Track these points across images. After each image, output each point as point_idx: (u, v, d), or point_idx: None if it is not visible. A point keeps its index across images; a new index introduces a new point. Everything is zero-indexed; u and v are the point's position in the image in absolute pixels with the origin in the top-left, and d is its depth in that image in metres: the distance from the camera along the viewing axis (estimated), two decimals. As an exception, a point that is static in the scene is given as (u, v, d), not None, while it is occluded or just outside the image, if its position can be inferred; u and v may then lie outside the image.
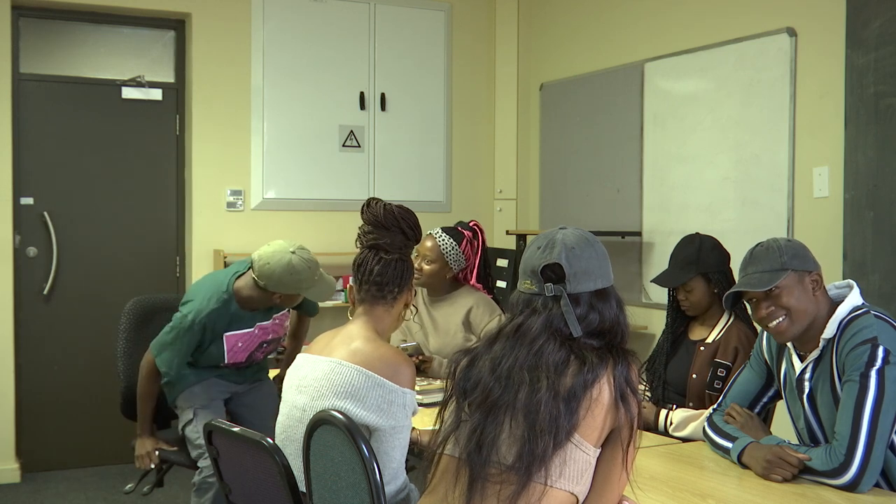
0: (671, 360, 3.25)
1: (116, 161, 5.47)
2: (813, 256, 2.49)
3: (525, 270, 1.87)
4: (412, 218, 2.61)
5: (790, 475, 2.31)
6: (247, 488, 2.57)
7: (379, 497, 2.05)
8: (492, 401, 1.75)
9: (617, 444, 1.76)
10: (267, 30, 5.59)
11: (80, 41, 5.52)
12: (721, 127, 4.65)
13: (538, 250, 1.86)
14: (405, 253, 2.59)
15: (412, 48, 5.98)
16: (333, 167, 5.73)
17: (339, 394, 2.36)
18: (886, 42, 3.76)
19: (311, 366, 2.48)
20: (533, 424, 1.70)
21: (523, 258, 1.90)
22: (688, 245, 3.22)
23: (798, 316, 2.42)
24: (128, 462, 5.46)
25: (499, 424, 1.73)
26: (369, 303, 2.54)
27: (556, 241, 1.85)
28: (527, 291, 1.85)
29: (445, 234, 3.83)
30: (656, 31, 5.10)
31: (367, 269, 2.54)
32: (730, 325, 3.14)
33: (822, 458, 2.30)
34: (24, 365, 5.23)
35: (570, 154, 5.75)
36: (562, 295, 1.80)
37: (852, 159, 3.93)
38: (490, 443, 1.72)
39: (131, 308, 3.86)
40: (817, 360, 2.44)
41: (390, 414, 2.33)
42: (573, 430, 1.71)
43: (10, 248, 5.15)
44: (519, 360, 1.77)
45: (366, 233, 2.58)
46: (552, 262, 1.82)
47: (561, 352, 1.77)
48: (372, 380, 2.35)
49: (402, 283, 2.56)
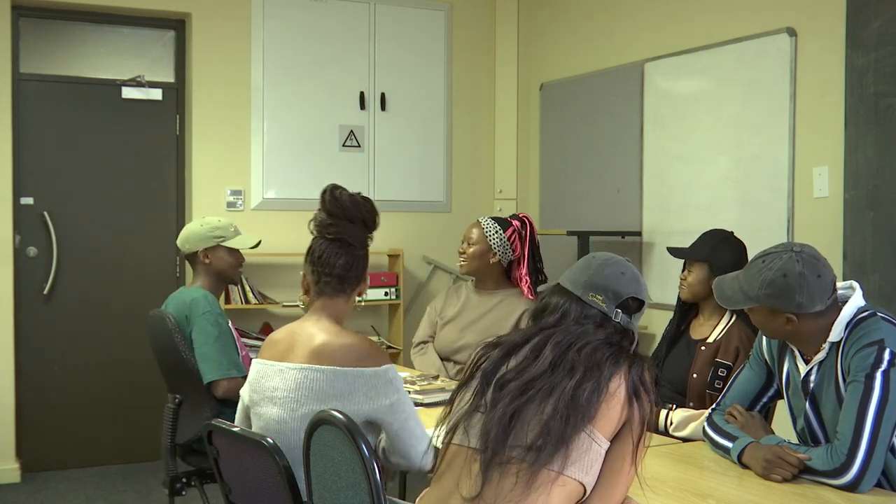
0: (671, 358, 3.25)
1: (116, 161, 5.47)
2: (809, 293, 2.33)
3: (604, 287, 1.93)
4: (373, 208, 2.55)
5: (790, 475, 2.31)
6: (247, 488, 2.57)
7: (379, 497, 2.05)
8: (528, 386, 1.78)
9: (626, 439, 1.78)
10: (267, 29, 5.59)
11: (80, 41, 5.52)
12: (721, 127, 4.65)
13: (621, 275, 1.96)
14: (366, 245, 2.55)
15: (412, 48, 5.98)
16: (333, 167, 5.73)
17: (322, 399, 2.34)
18: (886, 42, 3.76)
19: (278, 376, 2.42)
20: (557, 408, 1.74)
21: (599, 273, 1.96)
22: (714, 235, 3.23)
23: (763, 330, 2.52)
24: (128, 462, 5.48)
25: (529, 410, 1.75)
26: (329, 296, 2.50)
27: (635, 274, 1.98)
28: (596, 306, 1.92)
29: (492, 220, 3.83)
30: (656, 31, 5.10)
31: (329, 262, 2.47)
32: (731, 325, 3.13)
33: (822, 457, 2.29)
34: (24, 365, 5.23)
35: (570, 154, 5.75)
36: (629, 324, 1.94)
37: (852, 159, 3.93)
38: (517, 427, 1.74)
39: None
40: (822, 360, 2.44)
41: (383, 395, 2.34)
42: (591, 419, 1.75)
43: (10, 248, 5.15)
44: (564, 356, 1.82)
45: (326, 224, 2.49)
46: (639, 298, 1.96)
47: (603, 354, 1.83)
48: (350, 374, 2.34)
49: (361, 276, 2.55)
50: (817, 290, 2.34)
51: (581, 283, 1.94)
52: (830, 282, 2.38)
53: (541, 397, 1.76)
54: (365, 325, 5.82)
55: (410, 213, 5.96)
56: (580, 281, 1.95)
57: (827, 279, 2.37)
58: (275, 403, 2.43)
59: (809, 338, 2.42)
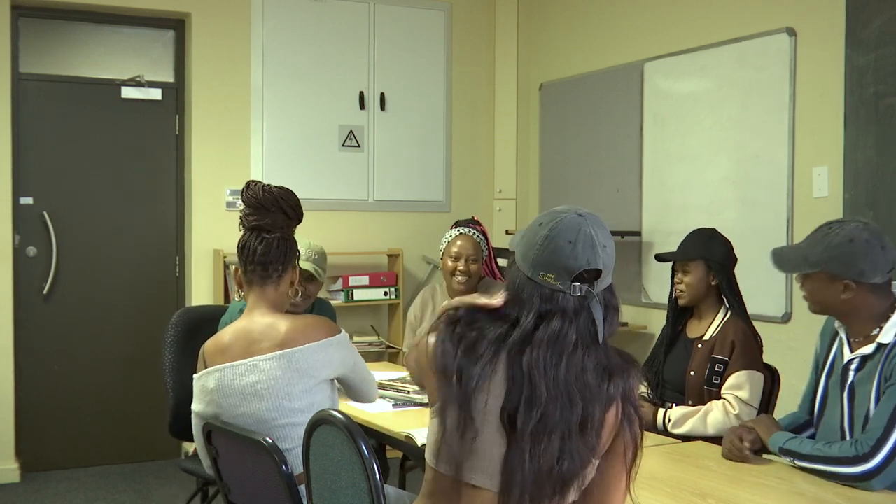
0: (669, 358, 3.25)
1: (116, 161, 5.47)
2: (872, 260, 2.37)
3: (553, 264, 1.70)
4: (293, 198, 2.67)
5: (742, 456, 2.49)
6: (247, 488, 2.57)
7: (379, 497, 2.05)
8: (547, 421, 1.64)
9: (616, 457, 1.71)
10: (267, 29, 5.59)
11: (79, 41, 5.52)
12: (721, 127, 4.65)
13: (569, 244, 1.70)
14: (287, 232, 2.64)
15: (412, 48, 5.97)
16: (333, 167, 5.73)
17: (309, 373, 2.50)
18: (886, 42, 3.76)
19: (252, 372, 2.50)
20: (566, 448, 1.63)
21: (545, 247, 1.71)
22: (701, 232, 3.26)
23: (815, 301, 2.49)
24: (128, 462, 5.48)
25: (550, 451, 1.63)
26: (258, 284, 2.60)
27: (591, 239, 1.71)
28: (548, 286, 1.70)
29: (474, 229, 3.85)
30: (656, 31, 5.10)
31: (251, 249, 2.58)
32: (726, 321, 3.15)
33: (843, 446, 2.30)
34: (24, 365, 5.23)
35: (570, 154, 5.75)
36: (590, 296, 1.70)
37: (852, 159, 3.93)
38: (537, 477, 1.62)
39: (178, 320, 3.66)
40: (866, 356, 2.43)
41: (349, 356, 2.64)
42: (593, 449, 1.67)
43: (9, 248, 5.15)
44: (565, 376, 1.66)
45: (246, 215, 2.62)
46: (594, 269, 1.70)
47: (594, 364, 1.68)
48: (324, 345, 2.54)
49: (286, 261, 2.62)
50: (880, 261, 2.38)
51: (529, 260, 1.73)
52: (893, 259, 2.41)
53: (552, 436, 1.64)
54: (365, 325, 5.82)
55: (410, 213, 5.96)
56: (529, 257, 1.73)
57: (891, 253, 2.41)
58: (260, 397, 2.48)
59: (860, 314, 2.42)
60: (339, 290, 5.57)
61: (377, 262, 5.83)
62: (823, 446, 2.35)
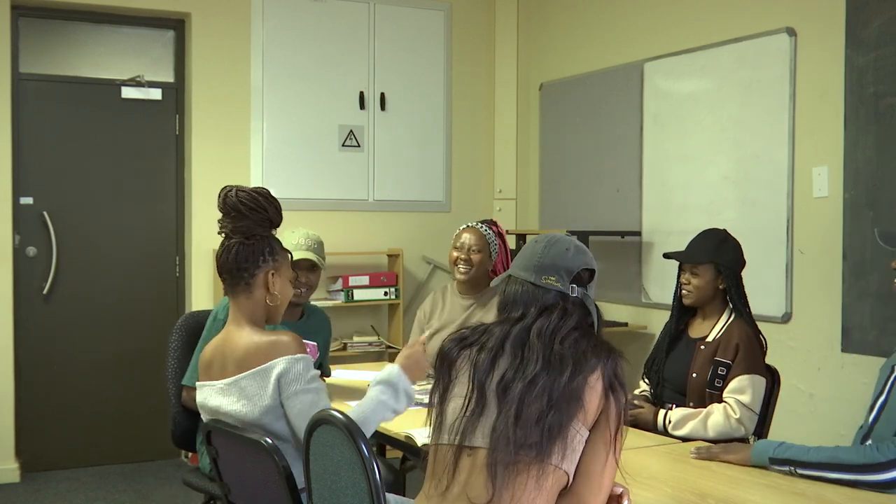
0: (671, 357, 3.24)
1: (116, 161, 5.47)
2: None
3: (554, 267, 2.01)
4: (257, 200, 2.52)
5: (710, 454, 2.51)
6: (247, 488, 2.57)
7: (379, 497, 2.05)
8: (532, 385, 1.84)
9: (603, 429, 1.85)
10: (267, 29, 5.59)
11: (79, 41, 5.52)
12: (721, 127, 4.65)
13: (566, 251, 2.04)
14: (257, 235, 2.52)
15: (412, 48, 5.98)
16: (333, 167, 5.73)
17: (256, 403, 2.43)
18: (886, 42, 3.76)
19: (219, 395, 2.50)
20: (552, 403, 1.82)
21: (545, 254, 2.03)
22: (713, 234, 3.22)
23: None
24: (128, 462, 5.48)
25: (534, 407, 1.82)
26: (231, 293, 2.54)
27: (582, 247, 2.08)
28: (550, 287, 1.99)
29: (485, 225, 3.88)
30: (656, 31, 5.10)
31: (224, 258, 2.51)
32: (730, 323, 3.12)
33: (863, 452, 2.23)
34: (24, 365, 5.23)
35: (570, 154, 5.75)
36: (586, 296, 2.02)
37: (852, 159, 3.93)
38: (522, 425, 1.80)
39: (181, 326, 3.61)
40: None
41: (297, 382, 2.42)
42: (579, 410, 1.83)
43: (9, 248, 5.15)
44: (559, 347, 1.89)
45: (221, 223, 2.55)
46: (589, 268, 2.05)
47: (586, 344, 1.90)
48: (259, 372, 2.42)
49: (254, 266, 2.49)
50: None
51: (532, 268, 2.02)
52: None
53: (541, 394, 1.82)
54: (365, 325, 5.82)
55: (410, 212, 5.96)
56: (530, 266, 2.02)
57: None
58: (230, 417, 2.50)
59: None
60: (339, 290, 5.58)
61: (377, 262, 5.83)
62: (834, 452, 2.28)
